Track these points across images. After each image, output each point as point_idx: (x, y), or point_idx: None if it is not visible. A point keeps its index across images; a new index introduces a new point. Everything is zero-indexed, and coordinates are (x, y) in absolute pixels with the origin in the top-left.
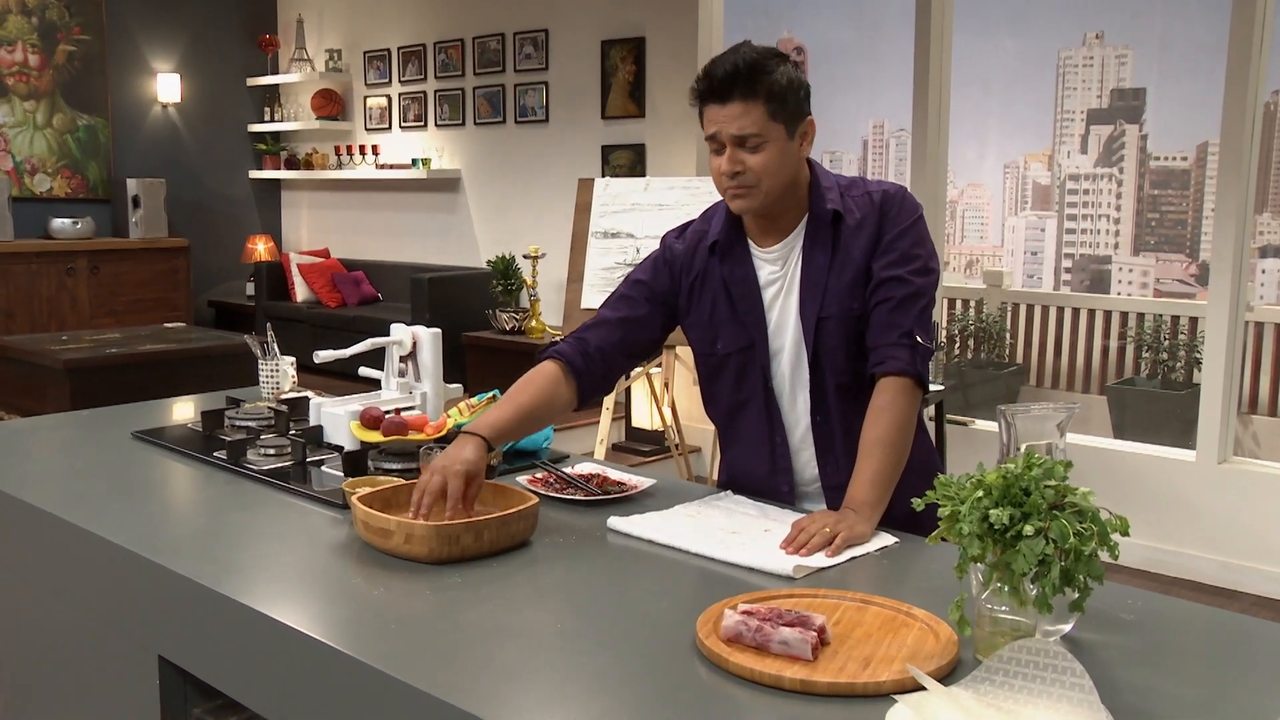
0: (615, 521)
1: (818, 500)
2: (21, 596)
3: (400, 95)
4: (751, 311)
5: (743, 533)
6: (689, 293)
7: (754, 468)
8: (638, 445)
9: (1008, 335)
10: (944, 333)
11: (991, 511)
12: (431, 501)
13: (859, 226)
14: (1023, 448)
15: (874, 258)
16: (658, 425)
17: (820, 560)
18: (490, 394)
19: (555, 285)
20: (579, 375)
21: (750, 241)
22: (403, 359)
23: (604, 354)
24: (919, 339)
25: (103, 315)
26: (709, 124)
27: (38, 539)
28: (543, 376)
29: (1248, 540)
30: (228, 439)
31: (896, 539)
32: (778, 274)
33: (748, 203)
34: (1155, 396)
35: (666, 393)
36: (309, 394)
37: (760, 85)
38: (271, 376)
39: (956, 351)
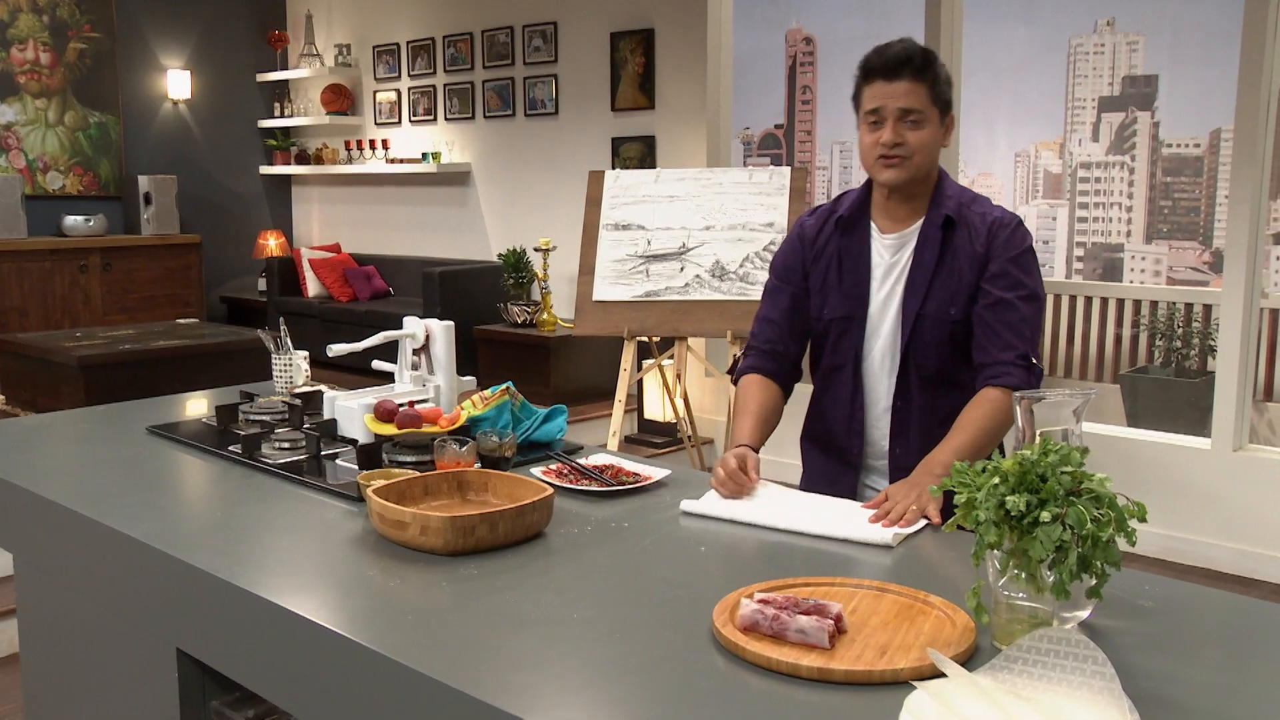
0: (688, 504)
1: (882, 475)
2: (41, 591)
3: (410, 89)
4: (857, 285)
5: (827, 511)
6: (813, 261)
7: (834, 425)
8: (650, 437)
9: None
10: None
11: (1008, 498)
12: (730, 485)
13: (969, 241)
14: (1039, 434)
15: (984, 278)
16: (670, 417)
17: (914, 526)
18: (504, 385)
19: (566, 278)
20: (776, 375)
21: (873, 224)
22: (416, 352)
23: (781, 349)
24: (1034, 360)
25: (115, 312)
26: (872, 99)
27: (55, 534)
28: (755, 386)
29: (1263, 528)
30: (242, 433)
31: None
32: (889, 261)
33: (899, 172)
34: (1169, 384)
35: (679, 384)
36: (323, 388)
37: (928, 70)
38: (285, 371)
39: None
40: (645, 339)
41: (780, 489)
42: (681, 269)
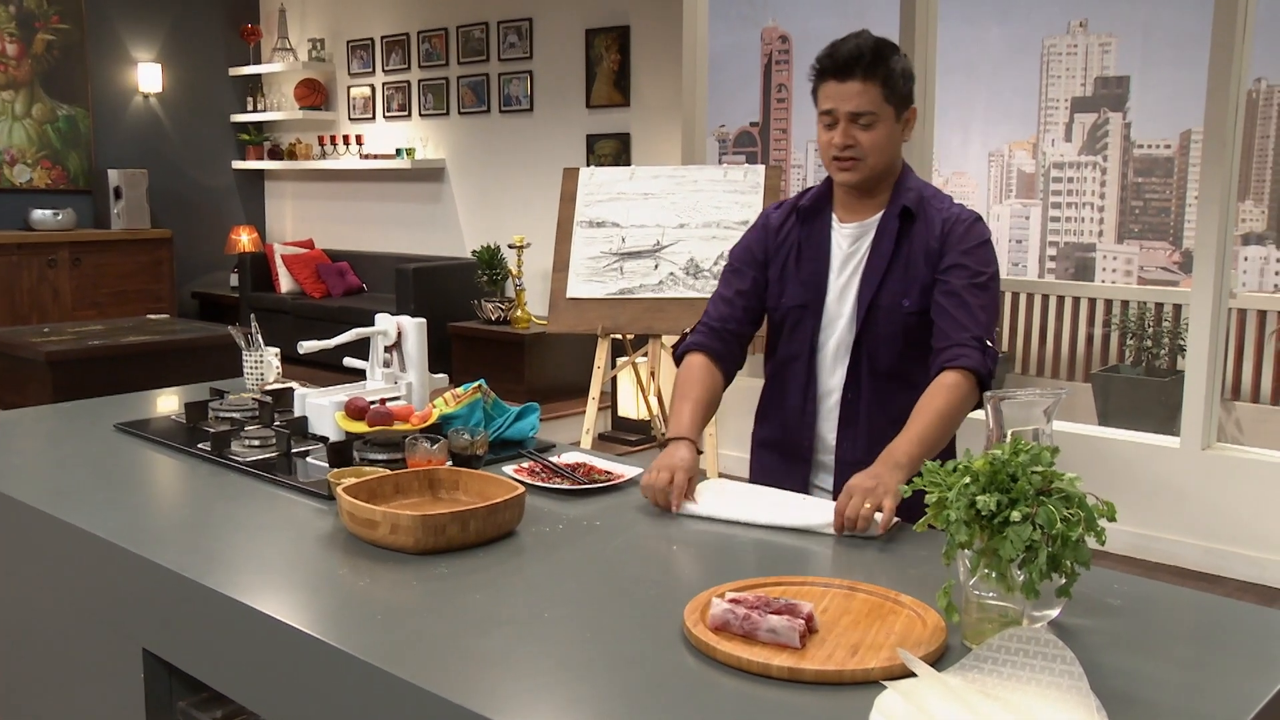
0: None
1: (829, 472)
2: (4, 591)
3: (384, 85)
4: (816, 274)
5: (808, 505)
6: (775, 250)
7: (787, 418)
8: (624, 435)
9: None
10: None
11: (979, 498)
12: (665, 496)
13: (926, 235)
14: (1009, 433)
15: (940, 270)
16: (643, 415)
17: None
18: (476, 383)
19: (541, 275)
20: (721, 357)
21: (834, 215)
22: (388, 349)
23: (733, 329)
24: (989, 343)
25: (85, 307)
26: (825, 100)
27: (20, 533)
28: (699, 369)
29: (1231, 525)
30: (212, 430)
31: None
32: (848, 250)
33: (853, 175)
34: (1139, 383)
35: (652, 382)
36: (293, 385)
37: (880, 68)
38: (256, 368)
39: None
40: (619, 336)
41: (755, 487)
42: (656, 266)
